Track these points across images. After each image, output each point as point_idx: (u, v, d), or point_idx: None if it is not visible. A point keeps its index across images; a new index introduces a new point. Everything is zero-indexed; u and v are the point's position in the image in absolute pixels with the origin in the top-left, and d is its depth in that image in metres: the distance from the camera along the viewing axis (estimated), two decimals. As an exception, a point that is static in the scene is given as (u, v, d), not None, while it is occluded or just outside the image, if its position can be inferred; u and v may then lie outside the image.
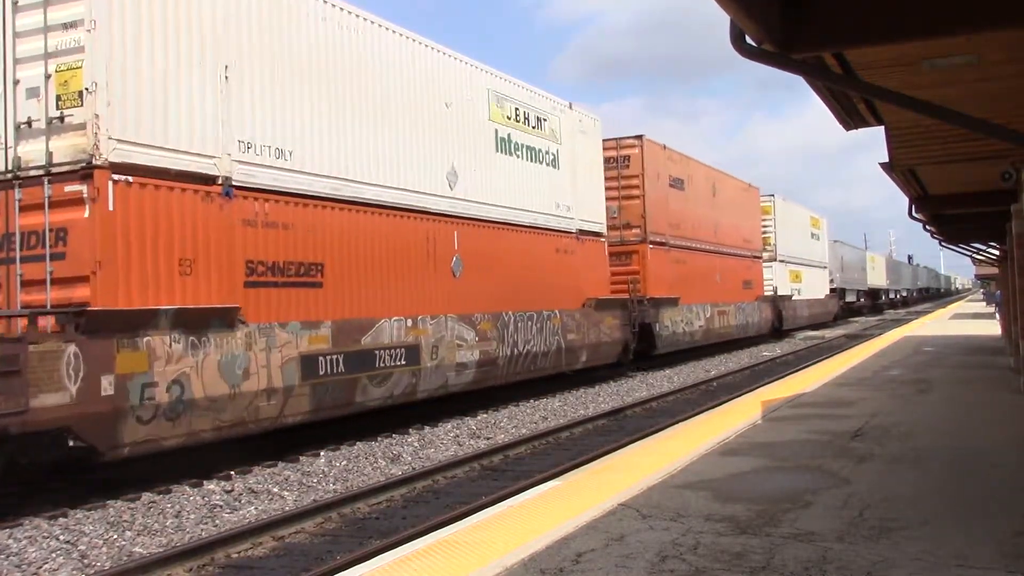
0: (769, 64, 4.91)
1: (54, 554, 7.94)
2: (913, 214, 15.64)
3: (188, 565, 7.74)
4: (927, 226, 18.57)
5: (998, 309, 32.67)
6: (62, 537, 8.34)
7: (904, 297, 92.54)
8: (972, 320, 38.76)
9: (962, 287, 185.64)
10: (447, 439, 13.73)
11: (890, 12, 4.91)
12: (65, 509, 9.08)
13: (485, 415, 15.87)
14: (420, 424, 14.48)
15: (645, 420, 15.81)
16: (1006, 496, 6.56)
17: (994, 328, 28.83)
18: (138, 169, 10.19)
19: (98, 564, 7.83)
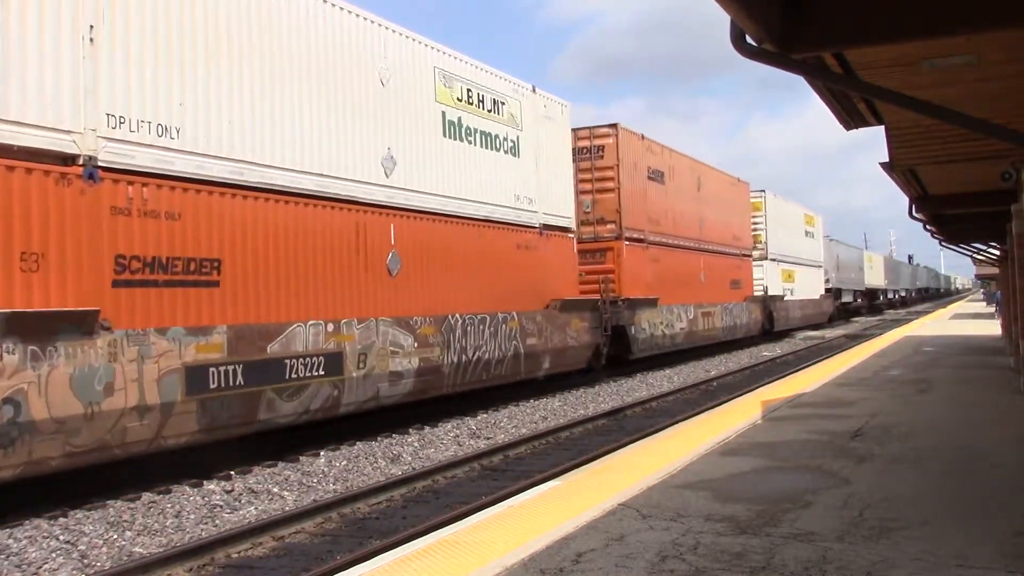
0: (769, 64, 4.92)
1: (54, 554, 7.94)
2: (913, 214, 15.66)
3: (188, 565, 7.74)
4: (927, 226, 18.59)
5: (998, 309, 32.70)
6: (62, 537, 8.34)
7: (903, 297, 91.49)
8: (972, 320, 38.78)
9: (962, 287, 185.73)
10: (447, 439, 13.74)
11: (890, 12, 4.92)
12: (65, 509, 9.08)
13: (485, 415, 15.88)
14: (420, 424, 14.48)
15: (645, 420, 15.82)
16: (1006, 496, 6.56)
17: (994, 328, 28.84)
18: (-37, 144, 8.53)
19: (98, 564, 7.84)
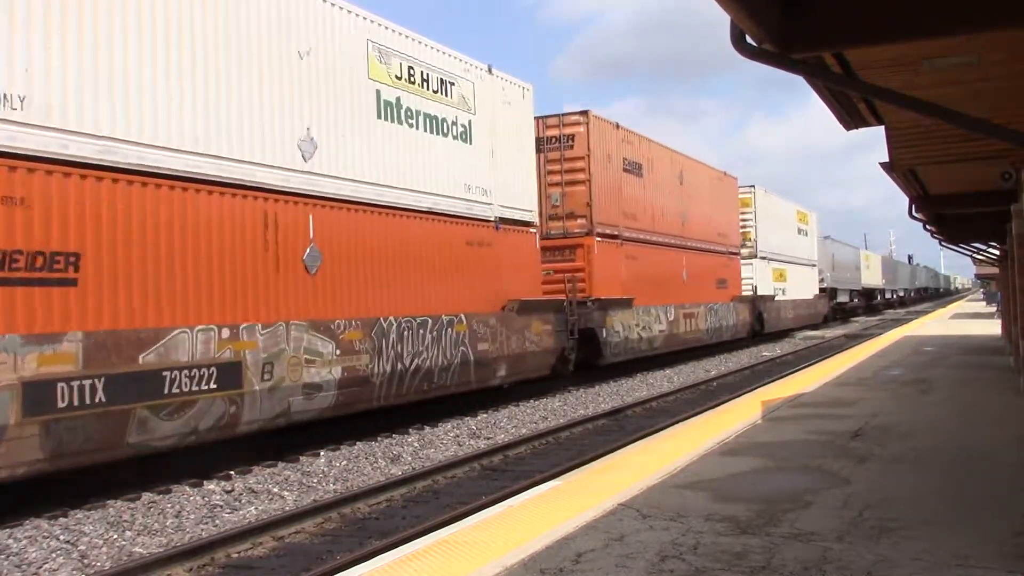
0: (769, 64, 4.91)
1: (54, 554, 7.94)
2: (913, 214, 15.65)
3: (188, 565, 7.75)
4: (927, 226, 18.57)
5: (999, 309, 32.67)
6: (62, 537, 8.34)
7: (901, 297, 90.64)
8: (972, 320, 38.76)
9: (962, 287, 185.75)
10: (447, 439, 13.74)
11: (890, 12, 4.91)
12: (65, 509, 9.09)
13: (485, 415, 15.88)
14: (420, 424, 14.49)
15: (645, 420, 15.82)
16: (1006, 496, 6.56)
17: (994, 328, 28.84)
18: None
19: (98, 564, 7.84)
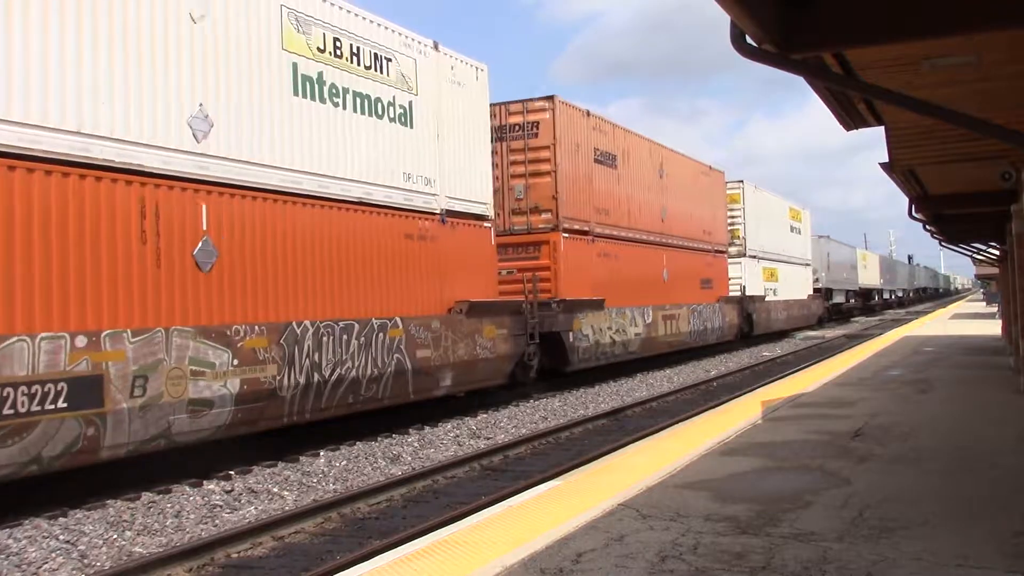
0: (769, 64, 4.91)
1: (54, 554, 7.94)
2: (913, 214, 15.65)
3: (188, 565, 7.75)
4: (927, 226, 18.57)
5: (999, 309, 32.66)
6: (62, 537, 8.34)
7: (900, 298, 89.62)
8: (972, 320, 38.78)
9: (962, 287, 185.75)
10: (447, 439, 13.73)
11: (890, 12, 4.92)
12: (65, 509, 9.09)
13: (485, 415, 15.88)
14: (420, 424, 14.48)
15: (645, 420, 15.82)
16: (1006, 496, 6.57)
17: (994, 328, 28.84)
18: None
19: (98, 564, 7.84)
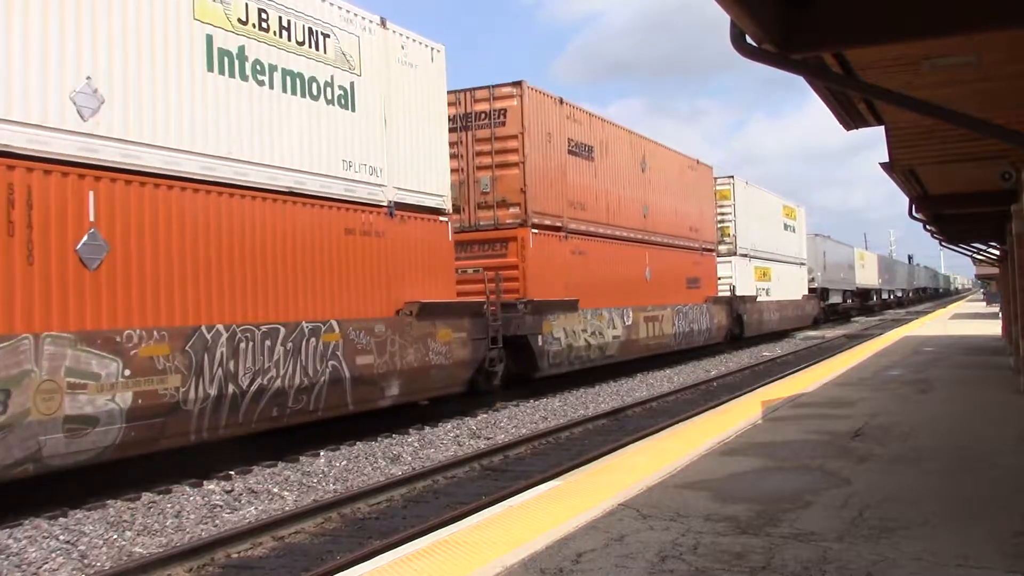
0: (769, 64, 4.92)
1: (54, 554, 7.94)
2: (913, 214, 15.65)
3: (188, 565, 7.75)
4: (927, 226, 18.58)
5: (1001, 309, 32.65)
6: (62, 537, 8.34)
7: (899, 298, 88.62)
8: (972, 320, 38.77)
9: (962, 287, 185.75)
10: (447, 439, 13.73)
11: (890, 12, 4.92)
12: (65, 509, 9.09)
13: (485, 415, 15.88)
14: (420, 424, 14.48)
15: (645, 420, 15.82)
16: (1006, 496, 6.57)
17: (994, 328, 28.84)
18: None
19: (98, 564, 7.84)
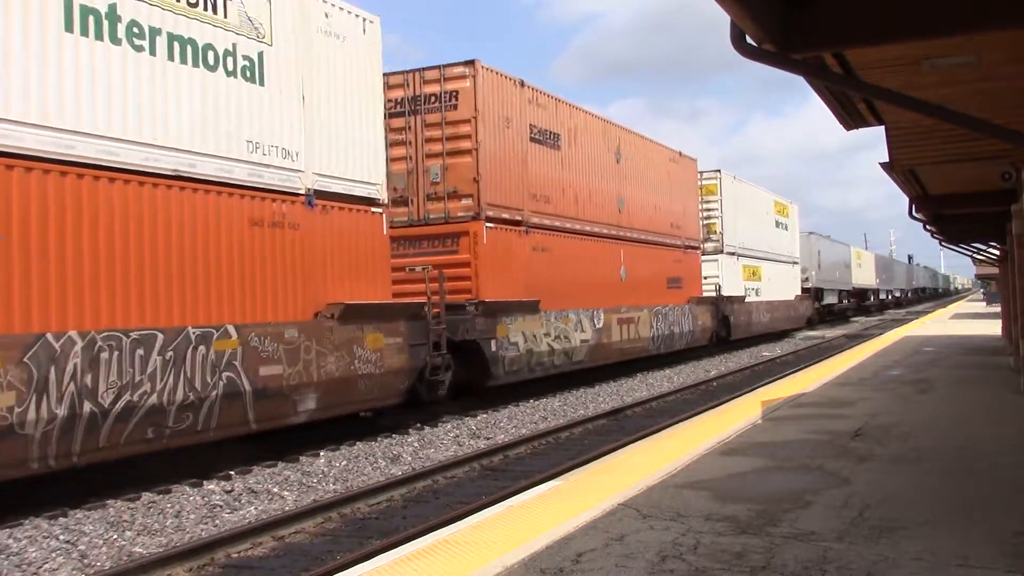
0: (769, 64, 4.92)
1: (54, 554, 7.95)
2: (913, 214, 15.67)
3: (188, 565, 7.74)
4: (927, 226, 18.60)
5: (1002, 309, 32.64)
6: (62, 537, 8.35)
7: (898, 298, 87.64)
8: (972, 320, 38.77)
9: (962, 287, 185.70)
10: (447, 439, 13.73)
11: (890, 12, 4.92)
12: (65, 509, 9.09)
13: (485, 415, 15.87)
14: (420, 424, 14.48)
15: (645, 420, 15.81)
16: (1006, 496, 6.57)
17: (994, 328, 28.85)
18: None
19: (98, 564, 7.84)
